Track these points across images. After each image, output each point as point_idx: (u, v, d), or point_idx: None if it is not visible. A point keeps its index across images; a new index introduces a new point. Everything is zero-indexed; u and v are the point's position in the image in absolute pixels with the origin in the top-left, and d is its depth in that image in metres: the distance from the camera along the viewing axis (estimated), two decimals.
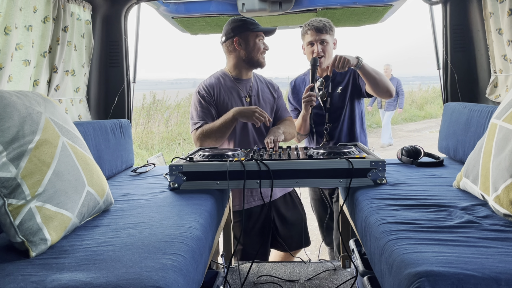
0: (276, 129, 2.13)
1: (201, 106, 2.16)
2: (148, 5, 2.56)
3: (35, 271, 0.96)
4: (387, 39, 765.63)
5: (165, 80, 76.53)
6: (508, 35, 1.95)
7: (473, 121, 1.94)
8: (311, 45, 2.29)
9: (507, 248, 0.99)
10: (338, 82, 2.35)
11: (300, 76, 2.53)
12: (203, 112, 2.15)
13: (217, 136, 2.08)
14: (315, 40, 2.26)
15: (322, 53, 2.27)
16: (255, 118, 1.99)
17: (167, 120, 10.79)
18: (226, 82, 2.22)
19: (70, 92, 2.18)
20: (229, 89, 2.20)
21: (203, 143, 2.11)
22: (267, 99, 2.29)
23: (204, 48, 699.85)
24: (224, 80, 2.22)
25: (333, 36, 2.32)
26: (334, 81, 2.35)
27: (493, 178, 1.23)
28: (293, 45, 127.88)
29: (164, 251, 1.05)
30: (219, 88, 2.19)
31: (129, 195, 1.64)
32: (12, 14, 1.58)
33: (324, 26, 2.25)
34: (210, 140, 2.10)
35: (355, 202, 1.55)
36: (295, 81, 2.53)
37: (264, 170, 1.64)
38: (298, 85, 2.49)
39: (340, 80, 2.34)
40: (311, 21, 2.29)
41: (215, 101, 2.17)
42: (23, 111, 1.14)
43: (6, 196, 1.05)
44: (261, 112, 2.00)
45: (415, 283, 0.87)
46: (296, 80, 2.52)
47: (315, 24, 2.26)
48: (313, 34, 2.26)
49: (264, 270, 2.20)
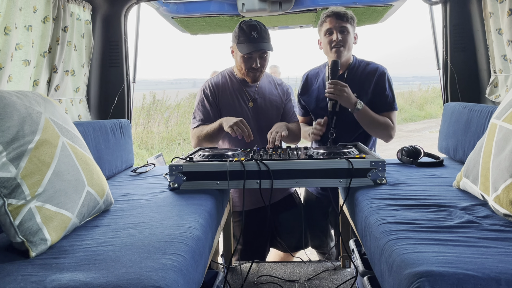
0: (280, 124, 2.09)
1: (203, 105, 2.16)
2: (148, 5, 2.56)
3: (35, 271, 0.96)
4: (387, 39, 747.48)
5: (165, 80, 76.59)
6: (508, 35, 1.95)
7: (473, 121, 1.94)
8: (330, 34, 2.07)
9: (507, 248, 0.99)
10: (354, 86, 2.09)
11: (314, 69, 2.37)
12: (204, 112, 2.14)
13: (206, 140, 2.10)
14: (335, 27, 2.04)
15: (341, 42, 2.03)
16: (233, 129, 1.89)
17: (167, 120, 10.80)
18: (233, 84, 2.19)
19: (70, 92, 2.18)
20: (234, 91, 2.18)
21: (198, 143, 2.13)
22: (274, 103, 2.23)
23: (204, 48, 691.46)
24: (231, 80, 2.20)
25: (354, 28, 2.10)
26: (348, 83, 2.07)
27: (493, 178, 1.23)
28: (293, 45, 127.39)
29: (164, 251, 1.05)
30: (224, 88, 2.17)
31: (129, 195, 1.64)
32: (12, 14, 1.58)
33: (345, 13, 2.04)
34: (203, 142, 2.11)
35: (355, 202, 1.55)
36: (307, 74, 2.37)
37: (264, 170, 1.64)
38: (310, 80, 2.34)
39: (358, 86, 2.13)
40: (331, 9, 2.08)
41: (218, 101, 2.16)
42: (23, 111, 1.14)
43: (6, 196, 1.05)
44: (242, 125, 1.90)
45: (415, 283, 0.87)
46: (309, 73, 2.37)
47: (335, 10, 2.05)
48: (332, 21, 2.04)
49: (264, 270, 2.20)
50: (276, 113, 2.24)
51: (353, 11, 2.40)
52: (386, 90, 2.15)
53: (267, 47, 2.03)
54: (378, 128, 2.11)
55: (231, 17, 2.64)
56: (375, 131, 2.14)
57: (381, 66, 2.20)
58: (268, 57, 2.10)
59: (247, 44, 2.01)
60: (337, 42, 2.05)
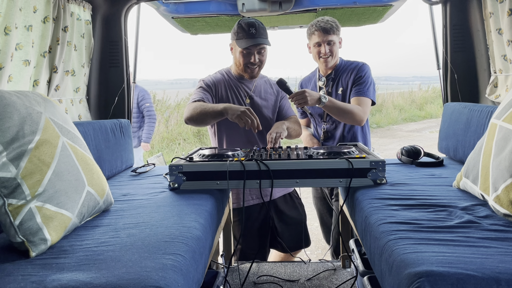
0: (280, 124, 2.11)
1: (202, 90, 2.16)
2: (148, 5, 2.56)
3: (35, 271, 0.96)
4: (387, 39, 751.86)
5: (165, 80, 76.54)
6: (508, 35, 1.95)
7: (473, 121, 1.94)
8: (318, 46, 2.32)
9: (507, 248, 0.99)
10: (340, 83, 2.37)
11: (307, 76, 2.58)
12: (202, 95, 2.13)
13: (200, 117, 1.98)
14: (323, 41, 2.29)
15: (329, 53, 2.30)
16: (241, 118, 1.84)
17: (167, 120, 10.79)
18: (230, 80, 2.23)
19: (70, 92, 2.18)
20: (231, 87, 2.21)
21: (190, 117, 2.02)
22: (269, 101, 2.28)
23: (204, 48, 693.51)
24: (228, 77, 2.24)
25: (339, 35, 2.35)
26: (335, 81, 2.37)
27: (493, 178, 1.23)
28: (292, 45, 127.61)
29: (164, 251, 1.05)
30: (222, 84, 2.20)
31: (129, 195, 1.64)
32: (12, 14, 1.58)
33: (331, 27, 2.27)
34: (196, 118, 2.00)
35: (355, 202, 1.55)
36: (302, 82, 2.59)
37: (264, 170, 1.64)
38: (305, 85, 2.54)
39: (342, 82, 2.36)
40: (318, 22, 2.30)
41: (215, 94, 2.18)
42: (23, 111, 1.14)
43: (6, 196, 1.05)
44: (250, 114, 1.84)
45: (415, 283, 0.87)
46: (303, 81, 2.58)
47: (322, 25, 2.27)
48: (320, 35, 2.28)
49: (264, 270, 2.20)
50: (273, 110, 2.28)
51: (353, 11, 2.41)
52: (362, 77, 2.31)
53: (265, 42, 2.10)
54: (347, 114, 2.20)
55: (231, 17, 2.64)
56: (344, 118, 2.24)
57: (363, 62, 2.40)
58: (266, 53, 2.16)
59: (245, 39, 2.06)
60: (325, 53, 2.31)
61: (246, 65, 2.13)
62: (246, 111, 1.85)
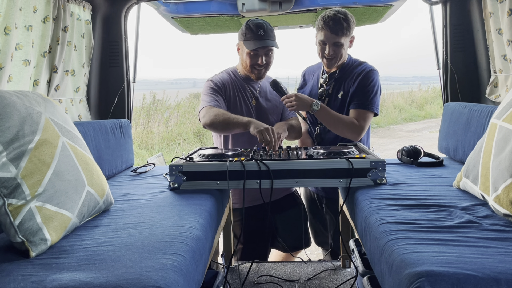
0: (281, 125, 2.12)
1: (214, 92, 2.13)
2: (148, 5, 2.56)
3: (35, 271, 0.96)
4: (387, 39, 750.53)
5: (165, 80, 76.52)
6: (508, 35, 1.95)
7: (473, 121, 1.94)
8: (323, 44, 2.12)
9: (507, 248, 0.99)
10: (342, 85, 2.20)
11: (313, 66, 2.43)
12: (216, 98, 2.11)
13: (223, 124, 1.97)
14: (328, 42, 2.09)
15: (333, 55, 2.12)
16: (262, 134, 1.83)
17: (167, 120, 10.79)
18: (237, 80, 2.23)
19: (70, 92, 2.18)
20: (238, 87, 2.21)
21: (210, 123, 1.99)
22: (274, 102, 2.28)
23: (204, 48, 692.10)
24: (235, 77, 2.23)
25: (349, 35, 2.13)
26: (338, 82, 2.21)
27: (493, 178, 1.23)
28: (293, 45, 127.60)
29: (164, 251, 1.05)
30: (229, 84, 2.20)
31: (129, 195, 1.64)
32: (12, 14, 1.58)
33: (341, 28, 2.05)
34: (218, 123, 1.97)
35: (355, 202, 1.55)
36: (306, 71, 2.46)
37: (264, 170, 1.64)
38: (308, 76, 2.42)
39: (345, 85, 2.20)
40: (328, 17, 2.05)
41: (224, 94, 2.17)
42: (23, 111, 1.14)
43: (6, 196, 1.05)
44: (272, 134, 1.83)
45: (415, 283, 0.87)
46: (307, 70, 2.45)
47: (332, 24, 2.04)
48: (327, 34, 2.07)
49: (264, 270, 2.20)
50: (277, 111, 2.29)
51: (353, 11, 2.37)
52: (367, 86, 2.14)
53: (273, 44, 2.09)
54: (340, 126, 2.10)
55: (231, 17, 2.64)
56: (338, 129, 2.12)
57: (372, 66, 2.21)
58: (273, 55, 2.16)
59: (253, 41, 2.06)
60: (328, 55, 2.12)
61: (253, 66, 2.13)
62: (269, 129, 1.85)
